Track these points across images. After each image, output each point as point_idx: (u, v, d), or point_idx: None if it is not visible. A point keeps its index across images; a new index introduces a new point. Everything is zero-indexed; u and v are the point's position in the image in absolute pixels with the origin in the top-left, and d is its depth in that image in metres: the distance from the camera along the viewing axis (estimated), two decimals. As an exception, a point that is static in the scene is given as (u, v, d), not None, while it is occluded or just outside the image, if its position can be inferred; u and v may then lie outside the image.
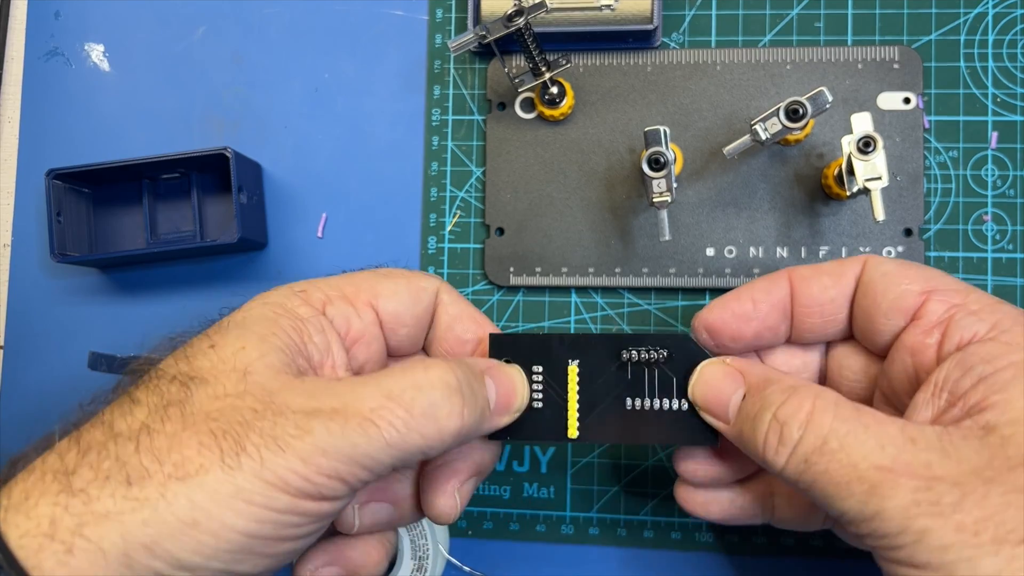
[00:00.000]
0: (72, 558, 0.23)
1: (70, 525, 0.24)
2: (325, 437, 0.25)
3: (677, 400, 0.32)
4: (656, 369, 0.32)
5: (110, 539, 0.23)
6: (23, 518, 0.24)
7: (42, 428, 0.44)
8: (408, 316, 0.33)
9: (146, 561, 0.24)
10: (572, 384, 0.33)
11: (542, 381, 0.33)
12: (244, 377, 0.27)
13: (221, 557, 0.24)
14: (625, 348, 0.32)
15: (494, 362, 0.32)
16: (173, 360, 0.28)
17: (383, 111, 0.44)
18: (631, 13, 0.41)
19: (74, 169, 0.42)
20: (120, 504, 0.24)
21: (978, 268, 0.40)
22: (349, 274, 0.33)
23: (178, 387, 0.27)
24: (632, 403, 0.32)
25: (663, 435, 0.32)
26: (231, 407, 0.26)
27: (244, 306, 0.31)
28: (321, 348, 0.30)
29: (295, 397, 0.26)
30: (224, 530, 0.24)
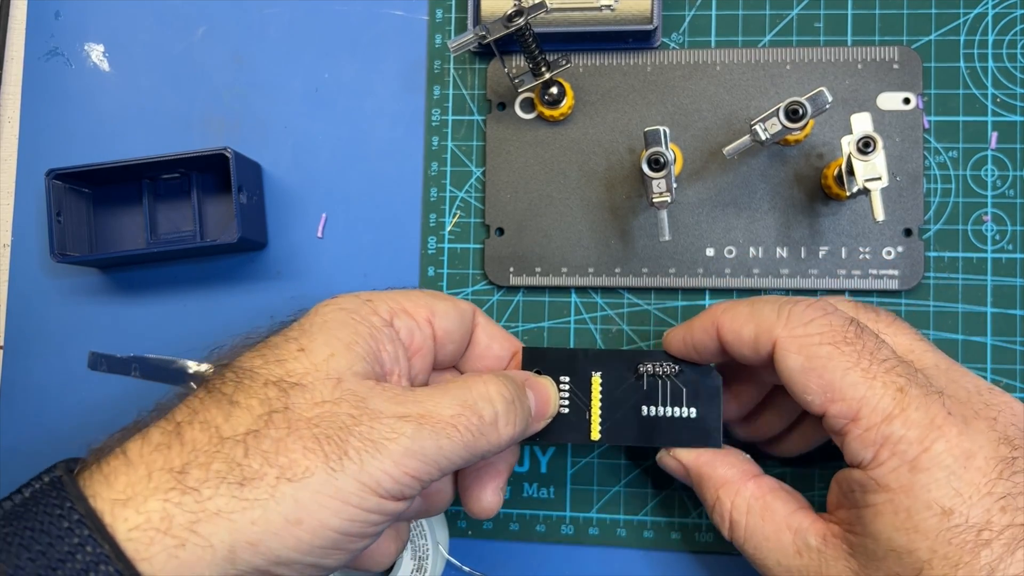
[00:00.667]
0: (183, 552, 0.25)
1: (183, 521, 0.25)
2: (416, 440, 0.28)
3: (686, 408, 0.36)
4: (668, 381, 0.36)
5: (219, 536, 0.25)
6: (132, 512, 0.25)
7: (42, 428, 0.44)
8: (457, 334, 0.35)
9: (248, 558, 0.26)
10: (595, 393, 0.37)
11: (569, 390, 0.37)
12: (338, 384, 0.29)
13: (314, 553, 0.27)
14: (642, 362, 0.37)
15: (532, 375, 0.36)
16: (263, 361, 0.30)
17: (383, 111, 0.44)
18: (631, 13, 0.41)
19: (74, 169, 0.42)
20: (232, 504, 0.26)
21: (978, 268, 0.40)
22: (404, 290, 0.35)
23: (277, 392, 0.28)
24: (647, 410, 0.36)
25: (673, 438, 0.36)
26: (330, 413, 0.28)
27: (318, 309, 0.32)
28: (391, 357, 0.32)
29: (385, 403, 0.29)
30: (321, 528, 0.26)
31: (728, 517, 0.34)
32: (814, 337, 0.31)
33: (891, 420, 0.29)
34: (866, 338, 0.30)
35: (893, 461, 0.29)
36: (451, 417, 0.29)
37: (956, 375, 0.31)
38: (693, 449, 0.36)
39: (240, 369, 0.29)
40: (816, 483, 0.40)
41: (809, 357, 0.30)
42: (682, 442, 0.36)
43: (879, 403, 0.29)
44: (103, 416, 0.44)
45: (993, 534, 0.27)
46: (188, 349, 0.44)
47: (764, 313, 0.32)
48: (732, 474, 0.34)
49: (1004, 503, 0.27)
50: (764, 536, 0.33)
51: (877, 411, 0.29)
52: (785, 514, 0.33)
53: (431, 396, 0.30)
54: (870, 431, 0.29)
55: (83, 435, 0.44)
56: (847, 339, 0.30)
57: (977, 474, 0.28)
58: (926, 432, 0.28)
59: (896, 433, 0.29)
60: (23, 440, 0.44)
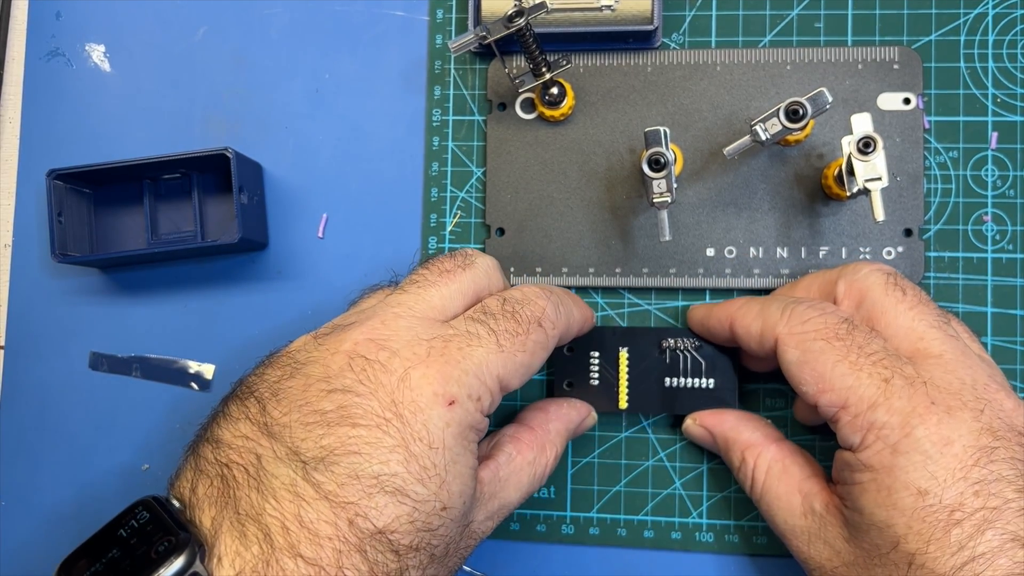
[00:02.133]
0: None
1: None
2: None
3: (705, 379, 0.40)
4: (689, 355, 0.40)
5: None
6: None
7: (43, 428, 0.44)
8: None
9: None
10: (623, 366, 0.40)
11: (599, 364, 0.40)
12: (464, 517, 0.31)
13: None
14: (665, 338, 0.40)
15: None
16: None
17: (384, 111, 0.44)
18: (631, 13, 0.41)
19: (75, 169, 0.42)
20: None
21: (978, 268, 0.40)
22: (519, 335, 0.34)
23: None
24: (669, 381, 0.40)
25: (694, 407, 0.40)
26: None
27: (434, 427, 0.29)
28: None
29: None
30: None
31: (751, 475, 0.37)
32: (809, 334, 0.33)
33: (875, 408, 0.31)
34: (856, 334, 0.33)
35: (877, 445, 0.31)
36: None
37: (957, 366, 0.32)
38: (717, 413, 0.39)
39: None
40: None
41: (804, 352, 0.33)
42: (701, 409, 0.40)
43: (864, 392, 0.32)
44: (103, 416, 0.44)
45: (964, 515, 0.29)
46: (189, 349, 0.44)
47: (770, 311, 0.35)
48: (756, 437, 0.38)
49: (978, 488, 0.29)
50: (777, 495, 0.36)
51: (863, 400, 0.32)
52: (800, 478, 0.36)
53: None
54: (857, 418, 0.32)
55: (83, 435, 0.44)
56: (838, 335, 0.33)
57: (953, 460, 0.30)
58: (907, 419, 0.31)
59: (880, 419, 0.31)
60: (24, 440, 0.45)
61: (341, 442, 0.28)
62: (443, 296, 0.33)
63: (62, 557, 0.43)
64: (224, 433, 0.30)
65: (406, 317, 0.32)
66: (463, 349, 0.31)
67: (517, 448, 0.35)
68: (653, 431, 0.42)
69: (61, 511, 0.44)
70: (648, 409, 0.40)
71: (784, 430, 0.41)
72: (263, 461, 0.28)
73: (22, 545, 0.44)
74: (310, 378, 0.30)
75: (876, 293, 0.34)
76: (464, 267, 0.34)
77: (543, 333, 0.33)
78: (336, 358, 0.30)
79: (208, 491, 0.29)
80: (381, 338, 0.30)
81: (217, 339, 0.44)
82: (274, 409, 0.29)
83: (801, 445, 0.39)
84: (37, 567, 0.43)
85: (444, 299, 0.33)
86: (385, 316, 0.31)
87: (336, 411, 0.28)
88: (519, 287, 0.35)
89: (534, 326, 0.33)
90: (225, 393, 0.33)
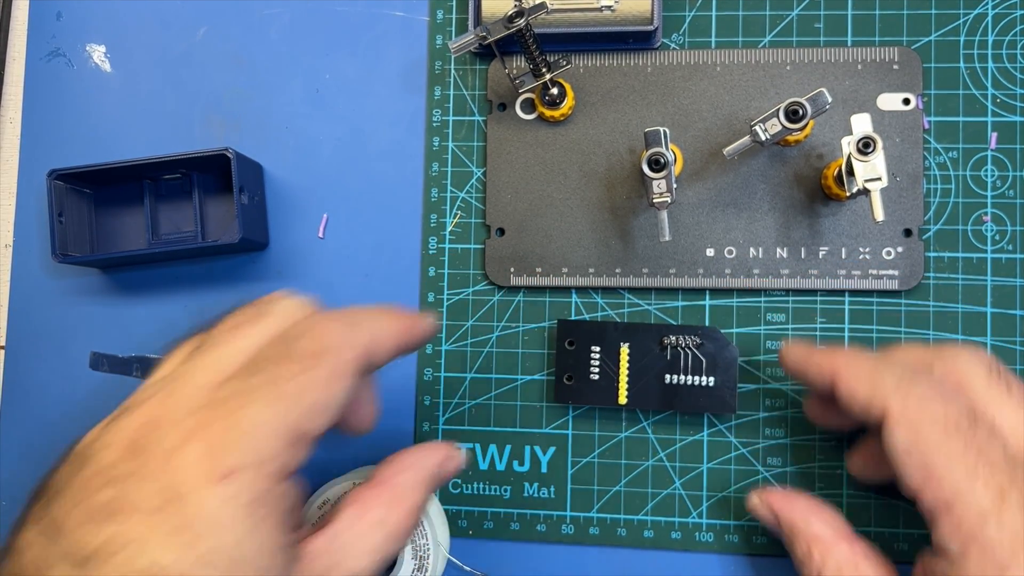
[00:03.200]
0: None
1: None
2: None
3: (705, 377, 0.40)
4: (690, 352, 0.40)
5: None
6: None
7: (43, 428, 0.44)
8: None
9: None
10: (623, 362, 0.40)
11: (599, 359, 0.40)
12: None
13: None
14: (666, 335, 0.40)
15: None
16: None
17: (384, 112, 0.44)
18: (631, 14, 0.41)
19: (75, 170, 0.42)
20: None
21: (978, 269, 0.40)
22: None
23: None
24: (670, 378, 0.40)
25: (693, 404, 0.40)
26: None
27: (211, 507, 0.26)
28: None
29: None
30: None
31: (816, 572, 0.35)
32: (926, 420, 0.31)
33: (986, 520, 0.29)
34: (979, 432, 0.30)
35: (982, 562, 0.29)
36: None
37: None
38: (787, 496, 0.37)
39: None
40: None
41: (916, 438, 0.31)
42: (701, 407, 0.40)
43: (976, 500, 0.29)
44: (103, 417, 0.44)
45: None
46: (189, 349, 0.44)
47: (884, 378, 0.32)
48: (827, 533, 0.35)
49: None
50: None
51: (972, 507, 0.29)
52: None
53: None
54: (962, 525, 0.29)
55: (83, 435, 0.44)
56: (959, 428, 0.30)
57: None
58: (1020, 539, 0.28)
59: (989, 534, 0.29)
60: (24, 440, 0.45)
61: (111, 538, 0.25)
62: (229, 355, 0.29)
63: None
64: (18, 540, 0.27)
65: (187, 387, 0.28)
66: (234, 412, 0.26)
67: (360, 510, 0.31)
68: (653, 431, 0.42)
69: (61, 511, 0.44)
70: (648, 405, 0.40)
71: (783, 430, 0.41)
72: (46, 564, 0.26)
73: (22, 545, 0.44)
74: (90, 471, 0.27)
75: (978, 385, 0.32)
76: (258, 316, 0.30)
77: (331, 361, 0.28)
78: (114, 448, 0.27)
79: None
80: (156, 418, 0.27)
81: (217, 339, 0.44)
82: (57, 507, 0.26)
83: (801, 445, 0.39)
84: (37, 567, 0.43)
85: (230, 358, 0.29)
86: (169, 390, 0.28)
87: (108, 504, 0.26)
88: (302, 320, 0.30)
89: (316, 358, 0.28)
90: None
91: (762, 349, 0.41)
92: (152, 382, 0.30)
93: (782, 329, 0.41)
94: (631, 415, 0.42)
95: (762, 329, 0.41)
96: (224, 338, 0.29)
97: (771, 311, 0.41)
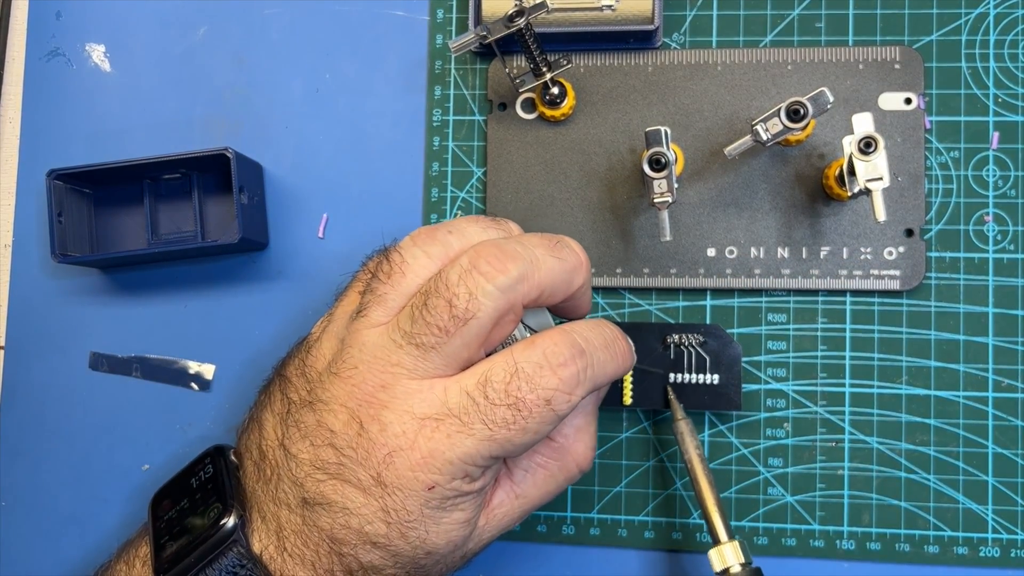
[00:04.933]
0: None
1: None
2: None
3: (709, 375, 0.40)
4: (693, 351, 0.40)
5: None
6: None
7: (43, 428, 0.44)
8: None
9: None
10: None
11: None
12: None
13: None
14: (669, 334, 0.40)
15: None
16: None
17: (384, 112, 0.44)
18: (632, 13, 0.41)
19: (75, 169, 0.42)
20: None
21: (979, 269, 0.40)
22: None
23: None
24: (674, 377, 0.40)
25: (698, 403, 0.40)
26: None
27: (412, 506, 0.31)
28: None
29: None
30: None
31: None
32: None
33: None
34: None
35: None
36: None
37: None
38: None
39: None
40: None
41: None
42: (705, 405, 0.40)
43: None
44: (103, 416, 0.44)
45: None
46: (189, 349, 0.44)
47: None
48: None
49: None
50: None
51: None
52: None
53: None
54: None
55: (83, 435, 0.44)
56: None
57: None
58: None
59: None
60: (24, 440, 0.45)
61: (336, 495, 0.31)
62: (444, 357, 0.30)
63: (63, 556, 0.44)
64: (266, 422, 0.34)
65: (403, 381, 0.31)
66: (451, 437, 0.30)
67: (541, 461, 0.35)
68: (654, 432, 0.41)
69: (61, 511, 0.44)
70: (652, 404, 0.40)
71: (783, 429, 0.41)
72: (281, 472, 0.32)
73: (22, 545, 0.44)
74: (318, 420, 0.31)
75: None
76: (463, 322, 0.30)
77: (551, 414, 0.30)
78: (340, 414, 0.31)
79: (250, 464, 0.34)
80: (379, 402, 0.31)
81: (217, 339, 0.44)
82: (294, 430, 0.32)
83: (802, 446, 0.38)
84: (37, 567, 0.43)
85: (445, 358, 0.30)
86: (386, 375, 0.31)
87: (334, 465, 0.31)
88: (548, 333, 0.31)
89: (538, 408, 0.30)
90: (289, 350, 0.36)
91: (763, 349, 0.41)
92: (360, 327, 0.32)
93: (783, 329, 0.41)
94: (632, 416, 0.42)
95: (763, 329, 0.41)
96: (436, 342, 0.30)
97: (772, 311, 0.41)
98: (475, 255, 0.30)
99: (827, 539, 0.40)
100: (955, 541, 0.39)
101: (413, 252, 0.32)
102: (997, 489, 0.39)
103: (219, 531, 0.32)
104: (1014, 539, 0.39)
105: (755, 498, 0.41)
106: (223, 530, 0.32)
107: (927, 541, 0.39)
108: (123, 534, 0.38)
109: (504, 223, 0.34)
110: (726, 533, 0.36)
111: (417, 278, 0.32)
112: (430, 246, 0.32)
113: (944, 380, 0.40)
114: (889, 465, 0.40)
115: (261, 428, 0.34)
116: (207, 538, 0.32)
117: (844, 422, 0.40)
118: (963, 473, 0.40)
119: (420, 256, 0.32)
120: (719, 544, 0.36)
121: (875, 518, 0.40)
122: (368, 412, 0.30)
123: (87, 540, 0.43)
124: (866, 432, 0.40)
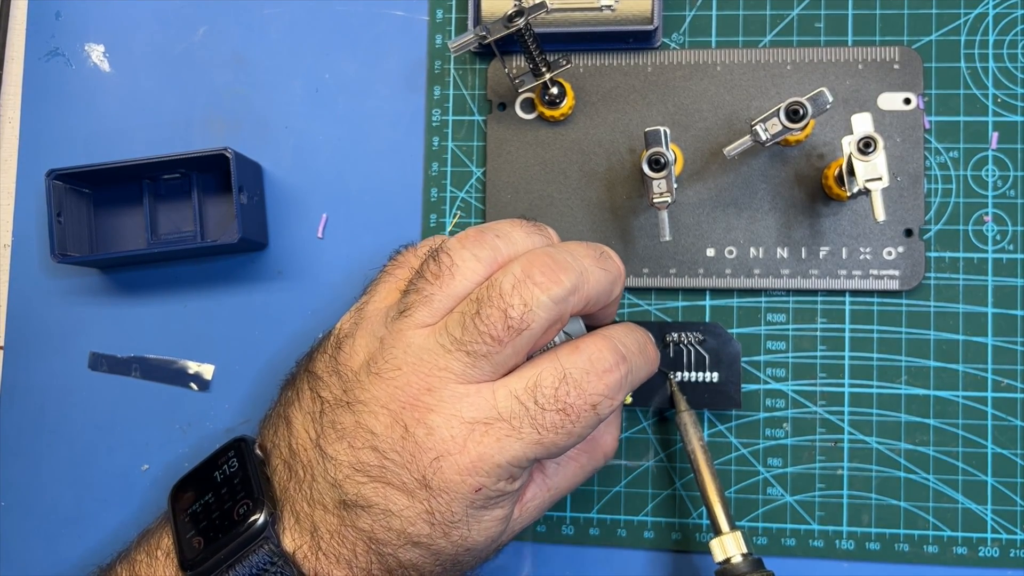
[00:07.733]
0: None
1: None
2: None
3: (709, 373, 0.40)
4: (693, 349, 0.40)
5: None
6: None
7: (42, 428, 0.44)
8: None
9: None
10: None
11: None
12: None
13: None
14: (669, 332, 0.40)
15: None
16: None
17: (383, 112, 0.44)
18: (631, 13, 0.41)
19: (74, 169, 0.42)
20: None
21: (978, 269, 0.40)
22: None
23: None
24: (674, 375, 0.40)
25: (698, 401, 0.40)
26: None
27: (458, 508, 0.31)
28: None
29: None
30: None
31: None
32: None
33: None
34: None
35: None
36: None
37: None
38: None
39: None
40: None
41: None
42: (705, 404, 0.40)
43: None
44: (103, 416, 0.44)
45: None
46: (188, 349, 0.44)
47: None
48: None
49: None
50: None
51: None
52: None
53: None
54: None
55: (83, 435, 0.44)
56: None
57: None
58: None
59: None
60: (24, 440, 0.45)
61: (378, 497, 0.30)
62: (493, 364, 0.30)
63: (62, 556, 0.44)
64: (294, 419, 0.33)
65: (451, 385, 0.30)
66: (500, 441, 0.30)
67: (573, 455, 0.35)
68: (653, 432, 0.41)
69: (61, 511, 0.44)
70: (652, 403, 0.40)
71: (782, 429, 0.41)
72: (316, 472, 0.32)
73: (22, 545, 0.44)
74: (357, 422, 0.31)
75: None
76: (516, 332, 0.30)
77: (595, 418, 0.31)
78: (381, 415, 0.31)
79: (279, 462, 0.33)
80: (424, 406, 0.30)
81: (217, 339, 0.44)
82: (330, 431, 0.32)
83: (801, 446, 0.38)
84: (36, 567, 0.43)
85: (495, 366, 0.30)
86: (432, 378, 0.30)
87: (376, 467, 0.30)
88: (591, 339, 0.32)
89: (585, 413, 0.30)
90: (312, 346, 0.36)
91: (763, 349, 0.41)
92: (403, 327, 0.32)
93: (783, 329, 0.41)
94: (631, 416, 0.42)
95: (762, 329, 0.41)
96: (489, 350, 0.30)
97: (771, 311, 0.41)
98: (528, 264, 0.30)
99: (826, 539, 0.40)
100: (954, 541, 0.39)
101: (462, 255, 0.31)
102: (996, 489, 0.39)
103: (249, 528, 0.31)
104: (1013, 539, 0.39)
105: (754, 498, 0.41)
106: (254, 527, 0.31)
107: (926, 541, 0.39)
108: (123, 534, 0.38)
109: (544, 228, 0.34)
110: (728, 523, 0.36)
111: (466, 281, 0.31)
112: (479, 249, 0.32)
113: (943, 380, 0.40)
114: (888, 465, 0.40)
115: (289, 425, 0.33)
116: (237, 535, 0.32)
117: (843, 422, 0.40)
118: (962, 473, 0.40)
119: (469, 259, 0.31)
120: (720, 534, 0.36)
121: (874, 518, 0.40)
122: (413, 415, 0.30)
123: (86, 540, 0.43)
124: (865, 432, 0.40)
